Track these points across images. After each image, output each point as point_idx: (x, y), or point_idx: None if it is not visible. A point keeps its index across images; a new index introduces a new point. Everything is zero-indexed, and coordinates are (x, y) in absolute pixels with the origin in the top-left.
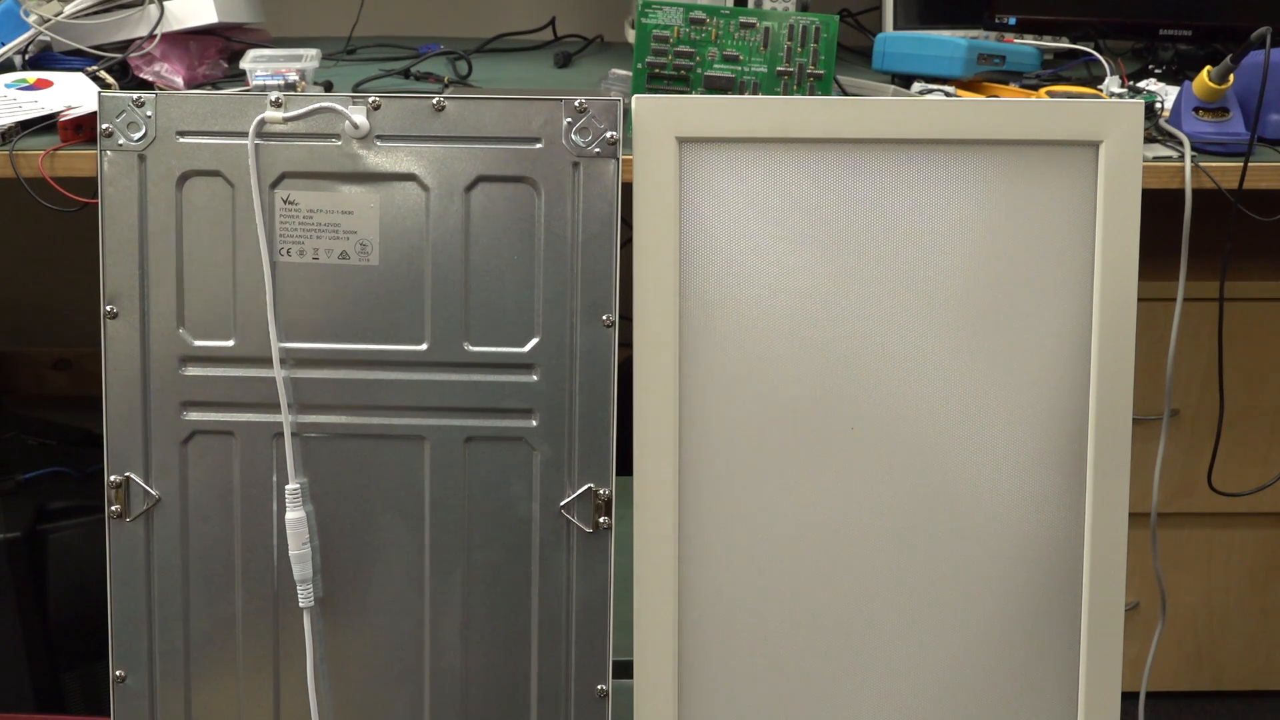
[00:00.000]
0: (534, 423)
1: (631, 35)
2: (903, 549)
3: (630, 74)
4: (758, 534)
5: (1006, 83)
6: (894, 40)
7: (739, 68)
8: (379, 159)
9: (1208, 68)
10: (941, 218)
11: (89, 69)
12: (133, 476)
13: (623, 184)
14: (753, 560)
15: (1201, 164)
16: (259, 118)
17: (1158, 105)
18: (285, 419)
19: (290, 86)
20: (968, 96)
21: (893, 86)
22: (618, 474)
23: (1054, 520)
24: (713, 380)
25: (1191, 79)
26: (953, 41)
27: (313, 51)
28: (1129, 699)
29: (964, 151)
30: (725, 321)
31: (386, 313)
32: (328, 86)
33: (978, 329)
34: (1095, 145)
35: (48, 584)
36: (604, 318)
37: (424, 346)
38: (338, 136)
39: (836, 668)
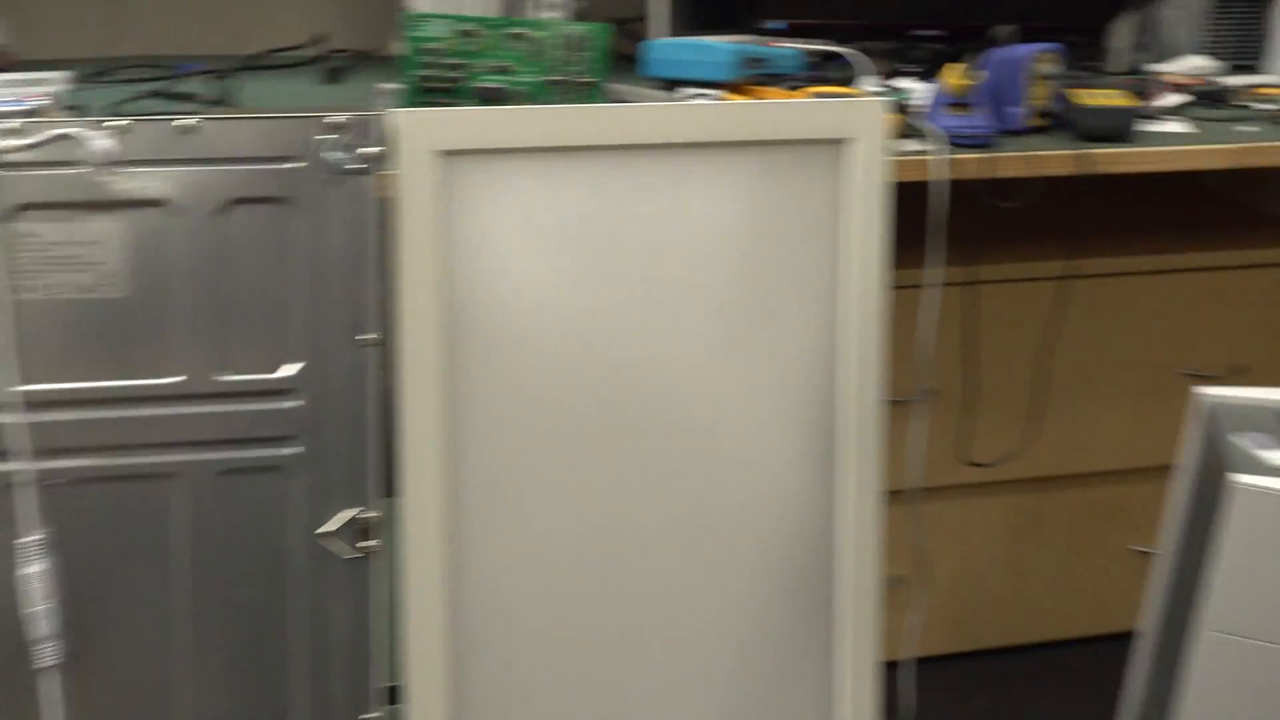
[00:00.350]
0: (294, 450)
1: (400, 49)
2: (672, 548)
3: (399, 88)
4: (530, 546)
5: (772, 85)
6: (661, 47)
7: (510, 78)
8: (126, 185)
9: (955, 65)
10: (705, 219)
11: None
12: None
13: (380, 200)
14: (525, 573)
15: (952, 156)
16: None
17: (910, 102)
18: (21, 466)
19: (35, 112)
20: (732, 99)
21: (660, 93)
22: (390, 495)
23: (813, 504)
24: (481, 394)
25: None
26: (718, 46)
27: (59, 74)
28: (896, 667)
29: (723, 154)
30: (493, 334)
31: (136, 346)
32: (81, 111)
33: (739, 326)
34: (843, 142)
35: None
36: (362, 338)
37: (177, 379)
38: (82, 164)
39: (612, 672)
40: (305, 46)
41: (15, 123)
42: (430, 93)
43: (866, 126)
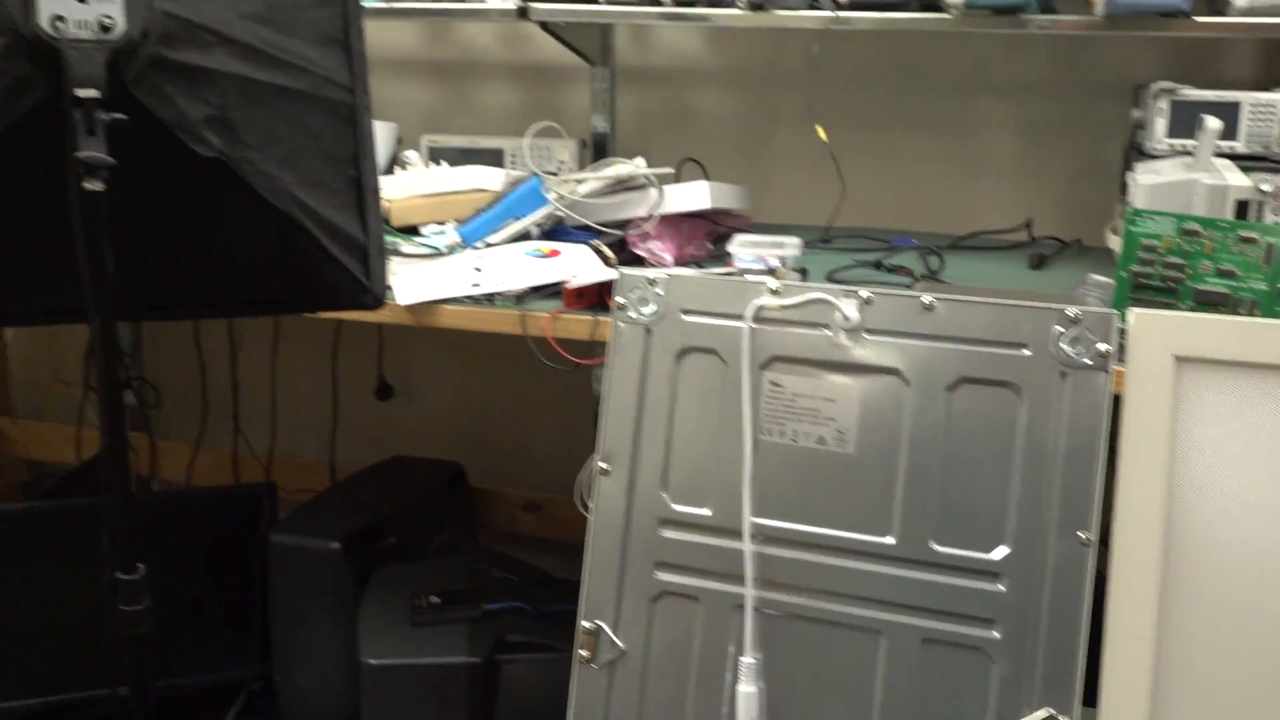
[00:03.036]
0: (995, 634)
1: (1113, 241)
2: None
3: (1110, 281)
4: None
5: None
6: None
7: (1235, 283)
8: (865, 351)
9: None
10: None
11: (592, 242)
12: (603, 626)
13: (1112, 399)
14: None
15: None
16: (757, 304)
17: None
18: (749, 592)
19: (771, 271)
20: None
21: None
22: (1083, 704)
23: None
24: (1196, 621)
25: None
26: None
27: (794, 240)
28: None
29: None
30: (1217, 559)
31: (856, 502)
32: (804, 273)
33: None
34: None
35: (496, 712)
36: (1081, 535)
37: (890, 540)
38: (827, 326)
39: None
40: (1013, 231)
41: (775, 284)
42: (1144, 290)
43: None
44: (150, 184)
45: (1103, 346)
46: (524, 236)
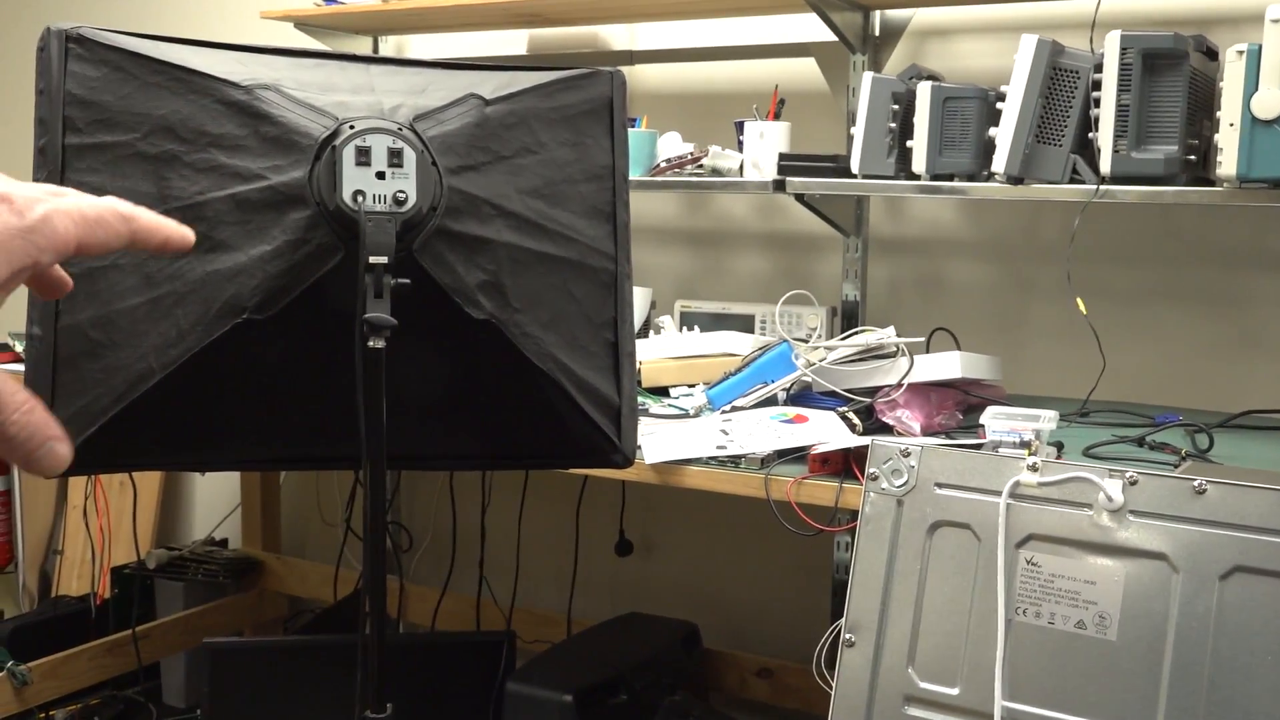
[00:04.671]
0: None
1: None
2: None
3: None
4: None
5: None
6: None
7: None
8: (1129, 534)
9: None
10: None
11: (839, 409)
12: None
13: None
14: None
15: None
16: (1014, 480)
17: None
18: None
19: (1025, 444)
20: None
21: None
22: None
23: None
24: None
25: None
26: None
27: (1051, 414)
28: None
29: None
30: None
31: (1117, 692)
32: (1059, 447)
33: None
34: None
35: None
36: None
37: None
38: (1089, 506)
39: None
40: None
41: (1034, 460)
42: None
43: None
44: (422, 342)
45: None
46: (771, 401)
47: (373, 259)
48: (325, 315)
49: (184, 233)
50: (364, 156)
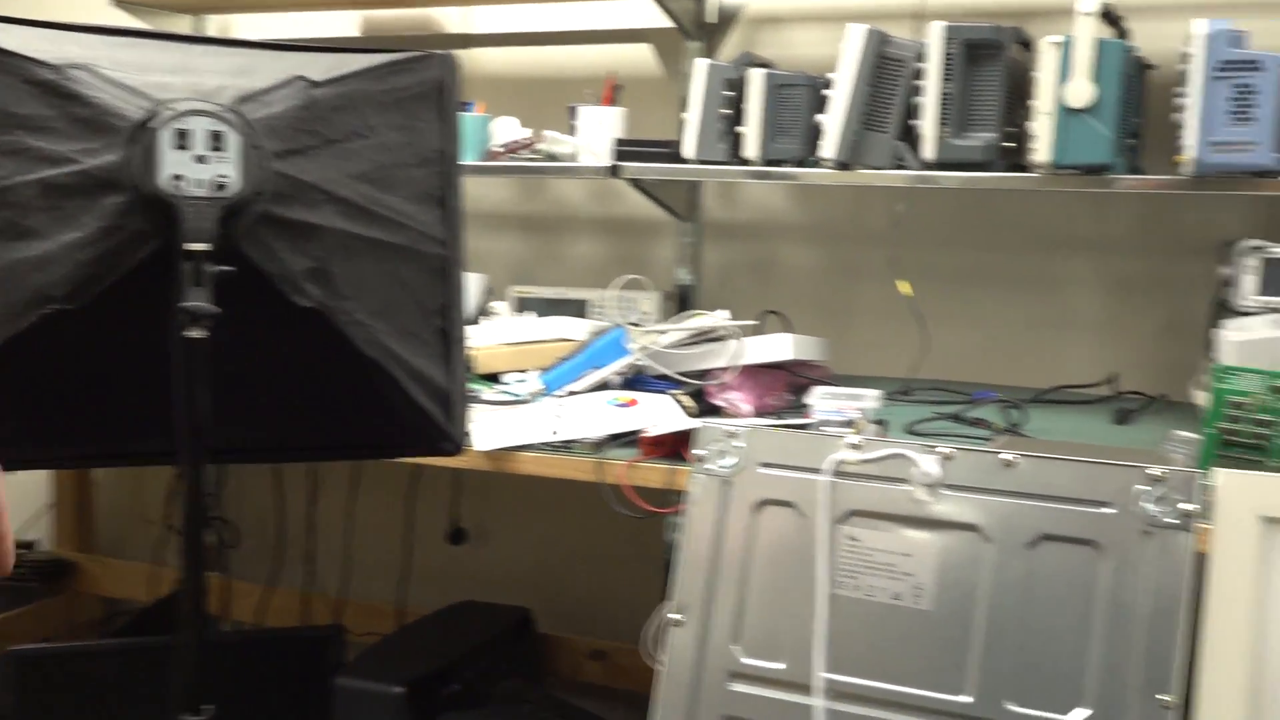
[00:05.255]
0: None
1: (1199, 398)
2: None
3: (1196, 437)
4: None
5: None
6: None
7: None
8: (944, 508)
9: None
10: None
11: (671, 392)
12: None
13: (1196, 559)
14: None
15: None
16: (836, 458)
17: None
18: None
19: (849, 423)
20: None
21: None
22: None
23: None
24: None
25: None
26: None
27: (874, 393)
28: None
29: None
30: None
31: (932, 659)
32: (882, 425)
33: None
34: None
35: None
36: (1162, 698)
37: (965, 699)
38: (906, 481)
39: None
40: (1097, 385)
41: (855, 438)
42: (1231, 447)
43: None
44: (246, 332)
45: (1187, 506)
46: (605, 386)
47: (192, 246)
48: (142, 305)
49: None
50: (183, 139)
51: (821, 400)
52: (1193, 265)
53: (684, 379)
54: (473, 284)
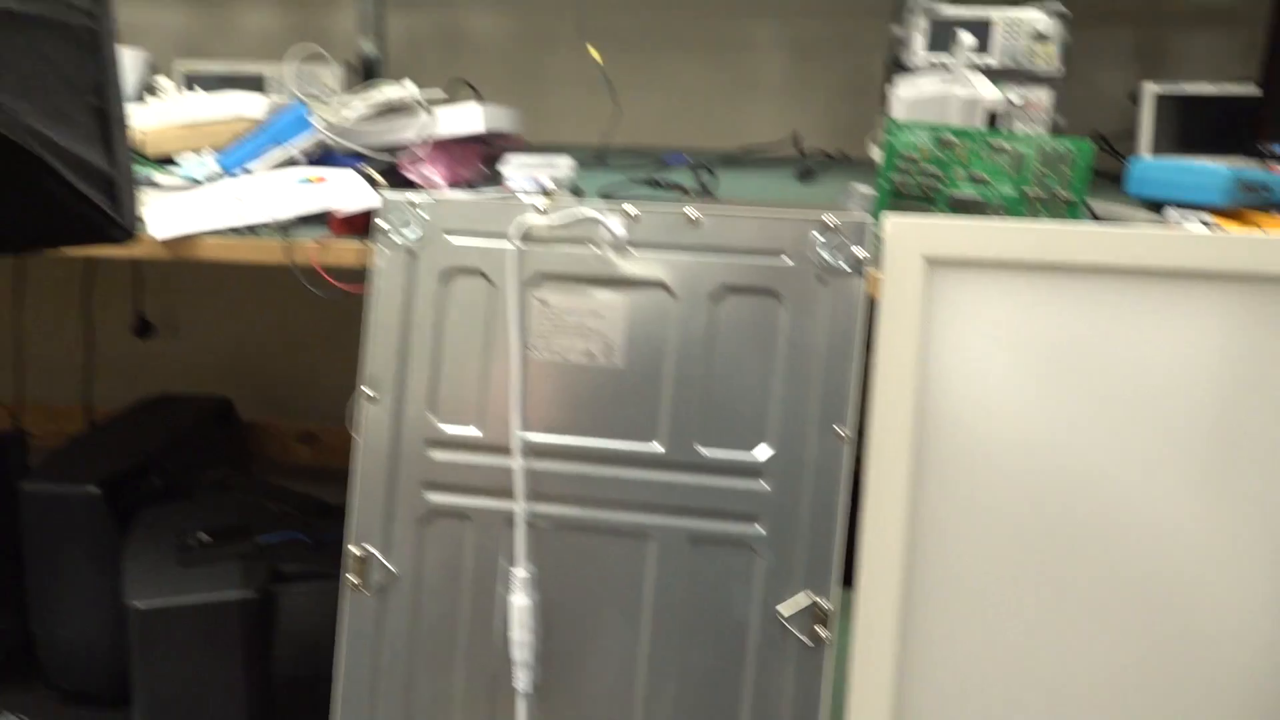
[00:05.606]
0: (760, 529)
1: (875, 152)
2: (1137, 691)
3: (873, 191)
4: (981, 664)
5: (1270, 213)
6: (1151, 167)
7: (986, 189)
8: (631, 266)
9: None
10: (1195, 354)
11: (360, 167)
12: (373, 551)
13: (867, 301)
14: (975, 691)
15: None
16: (523, 223)
17: None
18: (520, 506)
19: (544, 191)
20: (1228, 226)
21: (1145, 214)
22: (841, 587)
23: None
24: (945, 503)
25: None
26: (1214, 170)
27: (567, 160)
28: None
29: (1223, 286)
30: (962, 445)
31: (624, 412)
32: (578, 192)
33: (1223, 468)
34: None
35: (275, 643)
36: (839, 431)
37: (657, 447)
38: (594, 242)
39: None
40: (782, 145)
41: (540, 202)
42: (904, 198)
43: None
44: None
45: (859, 252)
46: (289, 164)
47: None
48: None
49: None
50: None
51: (515, 170)
52: (870, 26)
53: (373, 154)
54: (131, 60)
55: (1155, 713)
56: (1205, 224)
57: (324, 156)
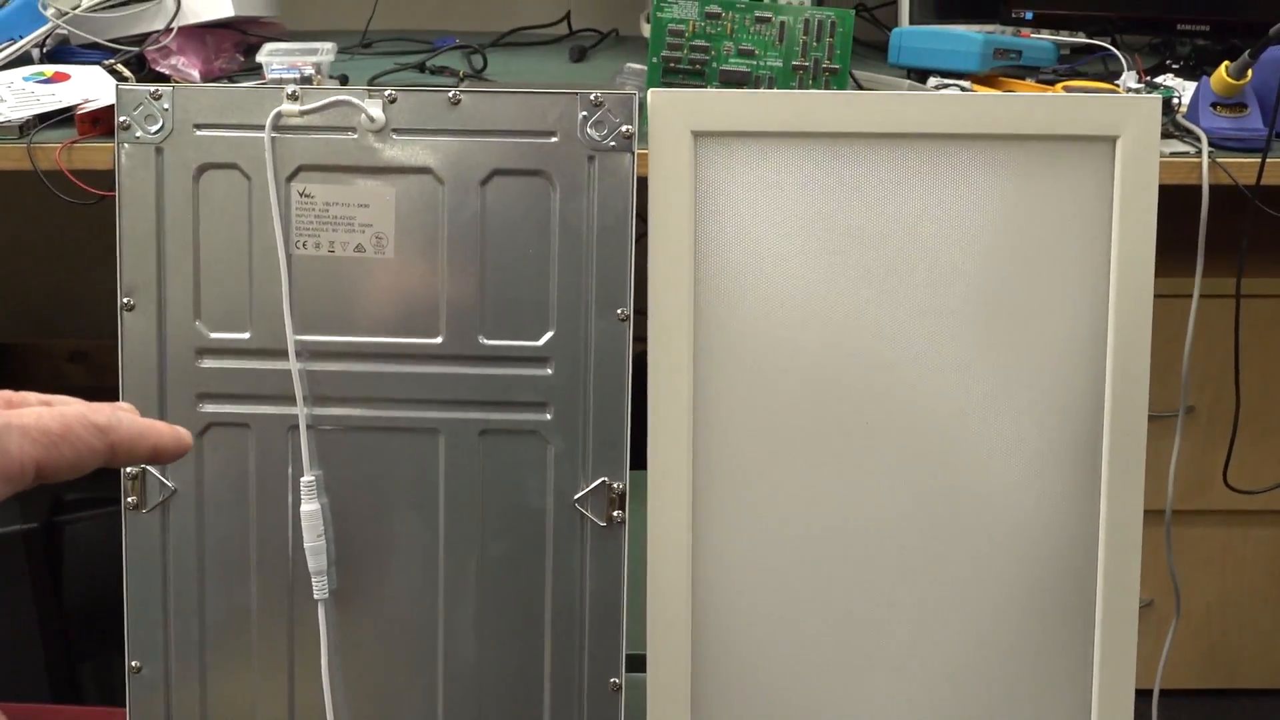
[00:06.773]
0: (548, 416)
1: (647, 30)
2: (917, 545)
3: (645, 68)
4: (771, 529)
5: (1023, 78)
6: (910, 35)
7: (754, 62)
8: (395, 152)
9: (1225, 63)
10: (957, 213)
11: (106, 62)
12: (149, 468)
13: (638, 178)
14: (766, 555)
15: (1218, 160)
16: (275, 111)
17: (1175, 101)
18: (301, 411)
19: (306, 80)
20: (984, 91)
21: (908, 81)
22: (632, 468)
23: (1068, 517)
24: (727, 375)
25: (1209, 74)
26: (969, 36)
27: (328, 45)
28: (1142, 696)
29: (980, 147)
30: (740, 316)
31: (401, 306)
32: (343, 80)
33: (991, 325)
34: (1112, 140)
35: (64, 575)
36: (619, 311)
37: (438, 340)
38: (354, 130)
39: (849, 663)
40: (553, 25)
41: (293, 89)
42: (675, 74)
43: (1139, 125)
44: None
45: (626, 128)
46: (25, 61)
47: None
48: None
49: (178, 435)
50: None
51: (272, 57)
52: None
53: (118, 46)
54: None
55: (936, 567)
56: (962, 89)
57: (61, 50)
